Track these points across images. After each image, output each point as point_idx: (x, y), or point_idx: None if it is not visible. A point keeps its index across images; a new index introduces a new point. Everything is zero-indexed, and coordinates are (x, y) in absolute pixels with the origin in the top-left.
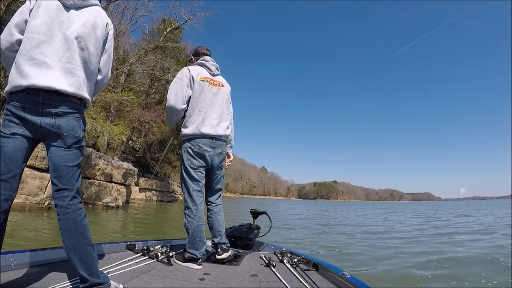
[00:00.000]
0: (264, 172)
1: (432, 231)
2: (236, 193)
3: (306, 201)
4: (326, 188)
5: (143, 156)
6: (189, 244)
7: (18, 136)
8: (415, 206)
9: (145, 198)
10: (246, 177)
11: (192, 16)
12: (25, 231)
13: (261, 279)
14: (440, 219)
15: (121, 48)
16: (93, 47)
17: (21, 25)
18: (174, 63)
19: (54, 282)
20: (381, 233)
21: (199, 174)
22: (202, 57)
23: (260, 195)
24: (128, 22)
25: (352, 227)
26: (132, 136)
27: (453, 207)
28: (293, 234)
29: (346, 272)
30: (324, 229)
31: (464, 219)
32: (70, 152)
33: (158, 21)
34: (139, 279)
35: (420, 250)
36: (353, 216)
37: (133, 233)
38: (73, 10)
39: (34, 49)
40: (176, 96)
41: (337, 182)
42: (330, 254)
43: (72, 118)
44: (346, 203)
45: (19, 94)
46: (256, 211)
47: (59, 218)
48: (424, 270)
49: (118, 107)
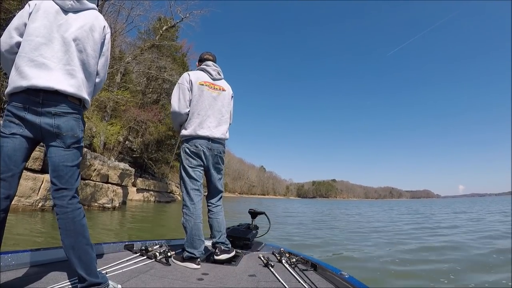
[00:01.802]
0: (262, 172)
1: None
2: (235, 193)
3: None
4: (325, 186)
5: (141, 156)
6: (187, 243)
7: (17, 136)
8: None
9: (143, 198)
10: (245, 176)
11: (188, 14)
12: (17, 234)
13: (260, 279)
14: (424, 215)
15: (117, 48)
16: (91, 49)
17: (20, 28)
18: (170, 61)
19: (53, 282)
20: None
21: (197, 173)
22: (204, 62)
23: (259, 194)
24: (124, 22)
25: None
26: (129, 136)
27: (447, 205)
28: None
29: (344, 272)
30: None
31: (446, 216)
32: (70, 152)
33: (154, 19)
34: (137, 279)
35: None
36: (343, 214)
37: (129, 234)
38: (71, 13)
39: (34, 51)
40: (179, 101)
41: (336, 180)
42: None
43: (72, 118)
44: (344, 201)
45: (19, 95)
46: (254, 211)
47: (58, 217)
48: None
49: (114, 106)
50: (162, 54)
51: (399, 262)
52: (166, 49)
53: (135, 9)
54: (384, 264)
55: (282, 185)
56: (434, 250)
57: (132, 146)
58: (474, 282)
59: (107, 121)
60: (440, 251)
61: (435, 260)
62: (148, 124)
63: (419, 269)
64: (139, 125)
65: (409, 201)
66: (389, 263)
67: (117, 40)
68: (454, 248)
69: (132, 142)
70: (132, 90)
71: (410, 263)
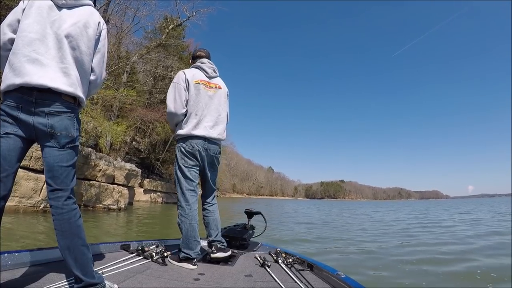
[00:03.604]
0: (271, 173)
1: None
2: (243, 194)
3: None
4: (333, 187)
5: (148, 157)
6: (183, 244)
7: (11, 135)
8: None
9: (150, 199)
10: (253, 177)
11: (195, 13)
12: (17, 236)
13: (256, 279)
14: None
15: (123, 48)
16: (85, 46)
17: (13, 25)
18: (177, 61)
19: (49, 282)
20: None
21: (192, 173)
22: (199, 60)
23: (267, 195)
24: (130, 22)
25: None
26: (136, 136)
27: (452, 205)
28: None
29: (340, 272)
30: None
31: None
32: (64, 152)
33: (160, 19)
34: (134, 279)
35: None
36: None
37: (133, 237)
38: (65, 9)
39: (27, 46)
40: (175, 101)
41: (344, 181)
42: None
43: (66, 117)
44: (353, 202)
45: (12, 93)
46: (251, 211)
47: (54, 218)
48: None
49: (120, 106)
50: (169, 53)
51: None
52: (173, 48)
53: (141, 9)
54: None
55: (290, 186)
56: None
57: (139, 146)
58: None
59: (113, 121)
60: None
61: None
62: (155, 124)
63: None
64: (146, 125)
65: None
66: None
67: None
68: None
69: (139, 143)
70: (139, 90)
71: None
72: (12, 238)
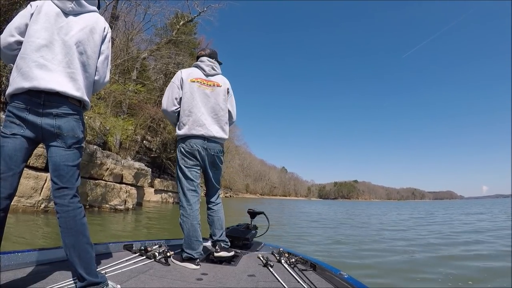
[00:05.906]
0: (284, 173)
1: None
2: (256, 194)
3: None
4: (347, 187)
5: (159, 156)
6: (185, 244)
7: (18, 136)
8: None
9: (161, 200)
10: (266, 178)
11: (206, 8)
12: (17, 237)
13: (259, 279)
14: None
15: (135, 47)
16: (91, 51)
17: (21, 28)
18: (189, 57)
19: (52, 282)
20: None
21: (193, 173)
22: (199, 59)
23: (281, 195)
24: (141, 21)
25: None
26: (147, 135)
27: (460, 206)
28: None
29: (343, 272)
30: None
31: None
32: (70, 152)
33: (171, 15)
34: (136, 279)
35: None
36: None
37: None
38: (71, 16)
39: (35, 52)
40: (167, 99)
41: (358, 181)
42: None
43: (72, 119)
44: (366, 203)
45: (20, 96)
46: (253, 211)
47: (59, 216)
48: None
49: (129, 103)
50: (180, 50)
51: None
52: (184, 45)
53: (152, 7)
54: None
55: (303, 186)
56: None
57: (151, 146)
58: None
59: (123, 119)
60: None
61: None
62: (166, 122)
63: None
64: (157, 124)
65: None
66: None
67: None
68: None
69: (151, 142)
70: (149, 87)
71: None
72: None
